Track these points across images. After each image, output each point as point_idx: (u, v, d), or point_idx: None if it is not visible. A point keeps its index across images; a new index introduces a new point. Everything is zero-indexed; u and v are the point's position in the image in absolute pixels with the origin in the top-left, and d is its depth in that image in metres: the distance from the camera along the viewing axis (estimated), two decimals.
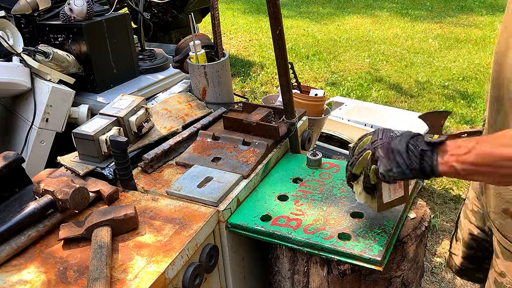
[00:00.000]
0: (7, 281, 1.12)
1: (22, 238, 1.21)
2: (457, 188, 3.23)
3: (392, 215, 1.32)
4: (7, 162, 1.40)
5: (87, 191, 1.33)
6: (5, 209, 1.36)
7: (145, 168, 1.56)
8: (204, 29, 6.64)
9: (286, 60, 1.52)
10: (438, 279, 2.50)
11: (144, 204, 1.40)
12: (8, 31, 2.25)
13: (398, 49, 6.26)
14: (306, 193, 1.47)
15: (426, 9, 8.43)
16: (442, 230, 2.84)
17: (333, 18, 8.08)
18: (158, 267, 1.12)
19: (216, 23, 1.88)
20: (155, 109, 1.81)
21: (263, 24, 7.68)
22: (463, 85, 4.98)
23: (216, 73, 1.89)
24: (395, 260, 1.30)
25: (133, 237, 1.25)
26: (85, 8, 2.31)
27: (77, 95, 2.31)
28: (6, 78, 2.10)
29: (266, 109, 1.77)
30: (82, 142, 1.52)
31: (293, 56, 6.08)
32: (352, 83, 5.17)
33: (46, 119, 2.18)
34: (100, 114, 1.61)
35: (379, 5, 8.88)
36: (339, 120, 3.36)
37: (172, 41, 3.86)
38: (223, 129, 1.76)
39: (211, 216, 1.32)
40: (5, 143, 2.40)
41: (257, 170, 1.54)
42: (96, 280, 1.05)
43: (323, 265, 1.30)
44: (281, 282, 1.45)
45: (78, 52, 2.37)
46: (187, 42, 2.00)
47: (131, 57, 2.62)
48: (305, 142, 1.83)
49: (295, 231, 1.29)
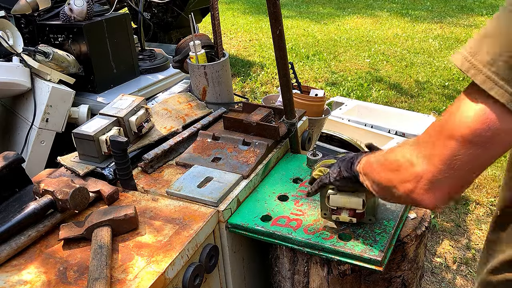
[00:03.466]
0: (7, 281, 1.12)
1: (22, 238, 1.21)
2: None
3: (392, 215, 1.31)
4: (7, 162, 1.40)
5: (87, 191, 1.33)
6: (5, 209, 1.36)
7: (145, 168, 1.56)
8: (204, 29, 6.63)
9: (286, 60, 1.51)
10: (438, 279, 2.50)
11: (144, 204, 1.40)
12: (8, 31, 2.25)
13: (398, 49, 6.26)
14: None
15: (426, 9, 8.43)
16: (442, 230, 2.84)
17: (333, 18, 8.08)
18: (158, 267, 1.12)
19: (216, 23, 1.88)
20: (155, 109, 1.81)
21: (263, 24, 7.68)
22: (463, 85, 4.98)
23: (216, 73, 1.88)
24: (395, 260, 1.30)
25: (133, 237, 1.25)
26: (85, 8, 2.31)
27: (77, 95, 2.31)
28: (6, 78, 2.10)
29: (266, 109, 1.77)
30: (82, 142, 1.52)
31: (293, 56, 6.08)
32: (352, 83, 5.17)
33: (46, 119, 2.18)
34: (100, 114, 1.61)
35: (379, 5, 8.88)
36: (339, 120, 3.36)
37: (172, 41, 3.85)
38: (223, 129, 1.76)
39: (211, 216, 1.32)
40: (5, 143, 2.40)
41: (257, 170, 1.54)
42: (96, 280, 1.05)
43: (323, 265, 1.30)
44: (281, 282, 1.45)
45: (78, 52, 2.37)
46: (187, 42, 2.00)
47: (131, 57, 2.62)
48: (305, 142, 1.83)
49: (295, 231, 1.29)
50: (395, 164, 0.86)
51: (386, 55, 6.04)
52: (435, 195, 0.77)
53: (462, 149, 0.72)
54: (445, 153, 0.73)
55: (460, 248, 2.70)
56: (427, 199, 0.78)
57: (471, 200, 3.10)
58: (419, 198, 0.79)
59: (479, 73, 0.69)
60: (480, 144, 0.70)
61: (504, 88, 0.67)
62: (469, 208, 3.03)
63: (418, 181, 0.78)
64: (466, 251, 2.67)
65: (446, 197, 0.78)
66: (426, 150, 0.78)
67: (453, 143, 0.72)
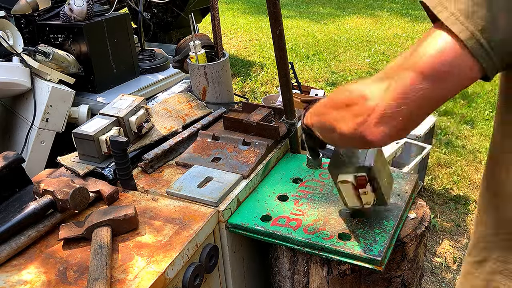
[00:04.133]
0: (7, 281, 1.12)
1: (22, 238, 1.21)
2: (457, 188, 3.23)
3: (392, 215, 1.32)
4: (7, 162, 1.40)
5: (87, 191, 1.33)
6: (5, 209, 1.36)
7: (145, 168, 1.56)
8: (204, 29, 6.63)
9: (286, 60, 1.52)
10: (438, 279, 2.50)
11: (144, 204, 1.40)
12: (8, 31, 2.25)
13: (398, 49, 6.26)
14: (306, 193, 1.47)
15: None
16: (442, 230, 2.84)
17: (333, 18, 8.08)
18: (158, 267, 1.12)
19: (216, 23, 1.88)
20: (155, 109, 1.81)
21: (263, 24, 7.68)
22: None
23: (216, 73, 1.88)
24: (395, 260, 1.30)
25: (133, 237, 1.25)
26: (85, 8, 2.31)
27: (77, 95, 2.31)
28: (6, 78, 2.10)
29: (266, 109, 1.77)
30: (82, 142, 1.52)
31: (293, 56, 6.08)
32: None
33: (46, 119, 2.18)
34: (100, 114, 1.61)
35: (379, 5, 8.88)
36: None
37: (172, 41, 3.85)
38: (223, 129, 1.76)
39: (211, 216, 1.32)
40: (5, 143, 2.40)
41: (257, 170, 1.54)
42: (96, 280, 1.05)
43: (323, 265, 1.30)
44: (281, 282, 1.45)
45: (78, 52, 2.37)
46: (187, 42, 2.00)
47: (131, 57, 2.62)
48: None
49: (295, 231, 1.29)
50: (345, 100, 0.86)
51: (386, 55, 6.04)
52: (384, 129, 0.77)
53: (418, 82, 0.72)
54: (401, 86, 0.73)
55: (460, 248, 2.70)
56: (376, 133, 0.78)
57: (471, 200, 3.10)
58: (368, 132, 0.78)
59: (444, 10, 0.70)
60: (436, 79, 0.71)
61: (465, 25, 0.68)
62: (469, 208, 3.03)
63: (369, 115, 0.78)
64: (466, 251, 2.67)
65: (394, 133, 0.77)
66: (382, 84, 0.77)
67: (411, 76, 0.72)
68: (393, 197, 1.38)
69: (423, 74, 0.72)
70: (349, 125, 0.83)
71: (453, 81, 0.72)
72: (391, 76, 0.76)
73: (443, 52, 0.70)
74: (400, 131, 0.77)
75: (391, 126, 0.76)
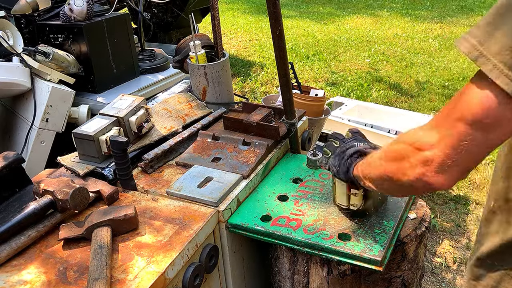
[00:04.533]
0: (7, 281, 1.12)
1: (22, 238, 1.21)
2: (457, 188, 3.23)
3: (392, 215, 1.32)
4: (7, 162, 1.40)
5: (87, 191, 1.33)
6: (5, 209, 1.36)
7: (145, 168, 1.56)
8: (204, 29, 6.63)
9: (286, 60, 1.52)
10: (438, 279, 2.50)
11: (144, 204, 1.40)
12: (8, 31, 2.25)
13: (398, 49, 6.26)
14: (306, 193, 1.47)
15: (426, 9, 8.43)
16: (442, 230, 2.84)
17: (333, 18, 8.08)
18: (158, 267, 1.12)
19: (216, 23, 1.88)
20: (155, 109, 1.81)
21: (263, 24, 7.67)
22: (463, 85, 4.95)
23: (216, 73, 1.88)
24: (395, 260, 1.30)
25: (133, 237, 1.25)
26: (85, 8, 2.31)
27: (77, 95, 2.31)
28: (6, 78, 2.10)
29: (266, 109, 1.77)
30: (82, 142, 1.52)
31: (293, 56, 6.08)
32: (352, 83, 5.17)
33: (46, 119, 2.18)
34: (100, 114, 1.61)
35: (379, 5, 8.88)
36: (339, 120, 3.36)
37: (172, 41, 3.85)
38: (223, 129, 1.76)
39: (211, 216, 1.32)
40: (5, 143, 2.40)
41: (257, 170, 1.54)
42: (96, 280, 1.05)
43: (323, 265, 1.30)
44: (281, 282, 1.45)
45: (78, 52, 2.37)
46: (187, 42, 2.00)
47: (131, 57, 2.62)
48: (305, 142, 1.83)
49: (295, 231, 1.29)
50: (401, 152, 0.90)
51: (386, 55, 6.04)
52: (447, 176, 0.81)
53: (470, 132, 0.75)
54: (454, 136, 0.77)
55: (460, 248, 2.70)
56: (440, 181, 0.82)
57: (471, 200, 3.10)
58: (431, 181, 0.82)
59: (487, 62, 0.72)
60: (485, 129, 0.75)
61: (510, 77, 0.70)
62: (469, 208, 3.03)
63: (428, 165, 0.82)
64: (466, 251, 2.67)
65: (456, 177, 0.82)
66: (434, 134, 0.81)
67: (461, 126, 0.76)
68: (393, 197, 1.38)
69: (472, 125, 0.75)
70: (409, 176, 0.87)
71: (501, 131, 0.75)
72: (442, 125, 0.80)
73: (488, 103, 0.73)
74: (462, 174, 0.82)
75: (452, 171, 0.81)
